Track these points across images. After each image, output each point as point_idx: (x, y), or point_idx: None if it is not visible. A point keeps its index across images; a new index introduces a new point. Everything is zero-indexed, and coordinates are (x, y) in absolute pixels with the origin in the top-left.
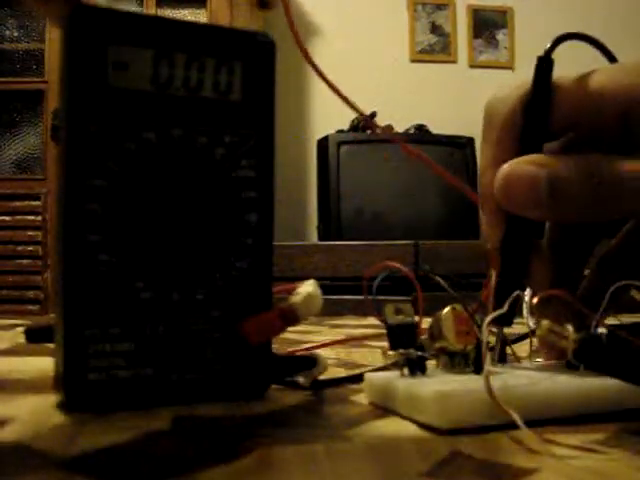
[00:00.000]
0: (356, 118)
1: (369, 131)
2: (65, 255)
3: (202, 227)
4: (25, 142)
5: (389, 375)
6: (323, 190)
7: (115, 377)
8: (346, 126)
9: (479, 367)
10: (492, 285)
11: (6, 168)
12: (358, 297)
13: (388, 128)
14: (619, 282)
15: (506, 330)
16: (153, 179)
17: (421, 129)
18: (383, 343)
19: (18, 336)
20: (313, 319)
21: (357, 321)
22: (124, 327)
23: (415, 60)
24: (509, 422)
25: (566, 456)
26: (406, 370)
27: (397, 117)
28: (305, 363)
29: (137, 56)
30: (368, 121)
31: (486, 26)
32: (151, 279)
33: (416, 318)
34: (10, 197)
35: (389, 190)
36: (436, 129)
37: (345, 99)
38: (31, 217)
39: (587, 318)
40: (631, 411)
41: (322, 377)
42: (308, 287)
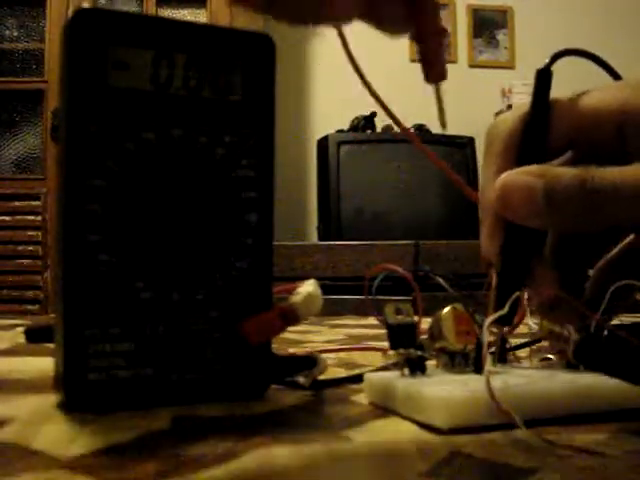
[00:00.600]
0: (356, 118)
1: (381, 131)
2: (65, 255)
3: (202, 227)
4: (25, 142)
5: (389, 375)
6: (323, 190)
7: (115, 377)
8: (346, 126)
9: (479, 367)
10: (493, 285)
11: (6, 168)
12: (358, 297)
13: (388, 128)
14: (619, 282)
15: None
16: (153, 179)
17: (421, 129)
18: (383, 343)
19: (18, 336)
20: (313, 319)
21: (357, 321)
22: (124, 327)
23: (415, 60)
24: (509, 422)
25: (566, 456)
26: (406, 370)
27: (397, 117)
28: (305, 363)
29: (137, 56)
30: (403, 129)
31: (486, 26)
32: (151, 279)
33: (415, 318)
34: (10, 197)
35: (389, 190)
36: (436, 129)
37: (386, 109)
38: (31, 217)
39: (588, 319)
40: (631, 411)
41: (322, 377)
42: (308, 287)
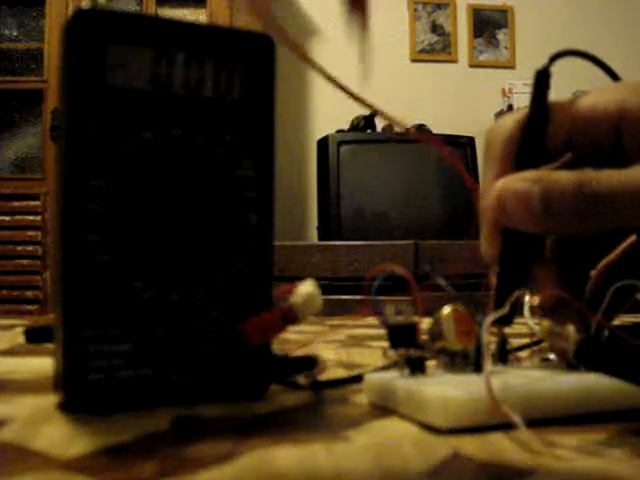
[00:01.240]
0: (356, 118)
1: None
2: (64, 255)
3: (202, 227)
4: (24, 142)
5: (389, 375)
6: (323, 190)
7: (115, 377)
8: (346, 126)
9: (479, 367)
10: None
11: (5, 168)
12: (358, 297)
13: (388, 128)
14: (620, 282)
15: (507, 330)
16: (152, 179)
17: (421, 129)
18: (383, 343)
19: (18, 336)
20: (313, 319)
21: (357, 321)
22: (124, 327)
23: (415, 60)
24: (509, 422)
25: (566, 456)
26: (406, 370)
27: (397, 117)
28: (305, 363)
29: (137, 56)
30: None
31: (486, 25)
32: (151, 279)
33: (415, 318)
34: (10, 197)
35: (389, 190)
36: (436, 129)
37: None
38: (31, 217)
39: (588, 319)
40: (631, 411)
41: (322, 377)
42: (308, 287)
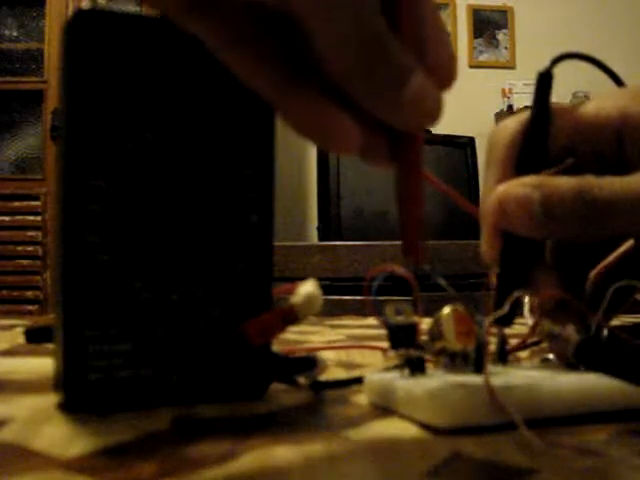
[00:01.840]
0: None
1: None
2: (64, 255)
3: (202, 227)
4: (25, 142)
5: (389, 375)
6: (323, 190)
7: (115, 377)
8: None
9: (479, 367)
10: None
11: (6, 168)
12: (358, 297)
13: None
14: (619, 282)
15: (507, 331)
16: (153, 179)
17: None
18: (383, 343)
19: (18, 336)
20: (313, 319)
21: (357, 321)
22: (124, 327)
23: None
24: (509, 422)
25: (566, 456)
26: (406, 370)
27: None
28: (305, 363)
29: (137, 56)
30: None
31: (486, 26)
32: (151, 279)
33: (415, 318)
34: (10, 197)
35: (389, 190)
36: (436, 129)
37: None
38: (31, 217)
39: (588, 319)
40: (631, 411)
41: (322, 378)
42: (308, 287)
